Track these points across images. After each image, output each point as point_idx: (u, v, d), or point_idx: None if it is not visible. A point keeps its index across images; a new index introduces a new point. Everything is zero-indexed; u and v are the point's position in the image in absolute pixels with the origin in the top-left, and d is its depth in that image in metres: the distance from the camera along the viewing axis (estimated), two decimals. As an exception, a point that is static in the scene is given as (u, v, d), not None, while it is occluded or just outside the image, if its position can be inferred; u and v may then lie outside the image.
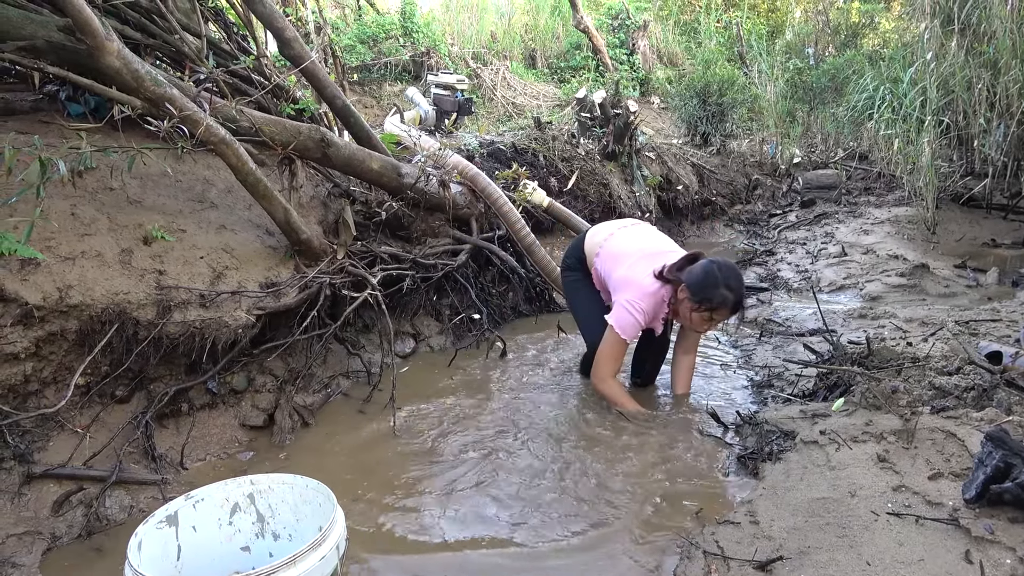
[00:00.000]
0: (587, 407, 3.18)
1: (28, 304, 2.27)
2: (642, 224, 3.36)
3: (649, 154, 7.20)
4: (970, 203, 6.34)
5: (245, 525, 1.94)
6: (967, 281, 4.71)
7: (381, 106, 8.87)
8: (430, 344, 3.98)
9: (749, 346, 3.94)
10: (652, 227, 3.36)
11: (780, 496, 2.21)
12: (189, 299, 2.69)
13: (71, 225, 2.58)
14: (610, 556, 2.14)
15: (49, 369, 2.40)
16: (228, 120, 2.91)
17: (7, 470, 2.25)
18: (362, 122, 3.87)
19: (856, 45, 10.36)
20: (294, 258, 3.23)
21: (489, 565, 2.11)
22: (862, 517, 2.00)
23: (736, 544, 2.02)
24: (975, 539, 1.81)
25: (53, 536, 2.22)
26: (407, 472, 2.64)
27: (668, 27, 12.79)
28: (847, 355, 3.10)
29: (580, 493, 2.47)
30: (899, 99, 6.12)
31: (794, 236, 6.68)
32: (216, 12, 3.84)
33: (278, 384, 3.10)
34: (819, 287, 4.92)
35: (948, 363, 2.77)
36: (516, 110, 9.46)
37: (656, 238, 3.21)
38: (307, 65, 3.56)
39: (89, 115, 3.22)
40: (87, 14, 2.34)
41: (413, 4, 9.84)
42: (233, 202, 3.34)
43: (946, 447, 2.23)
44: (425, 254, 3.95)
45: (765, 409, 2.96)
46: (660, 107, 10.96)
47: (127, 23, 3.29)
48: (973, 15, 5.51)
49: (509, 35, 11.30)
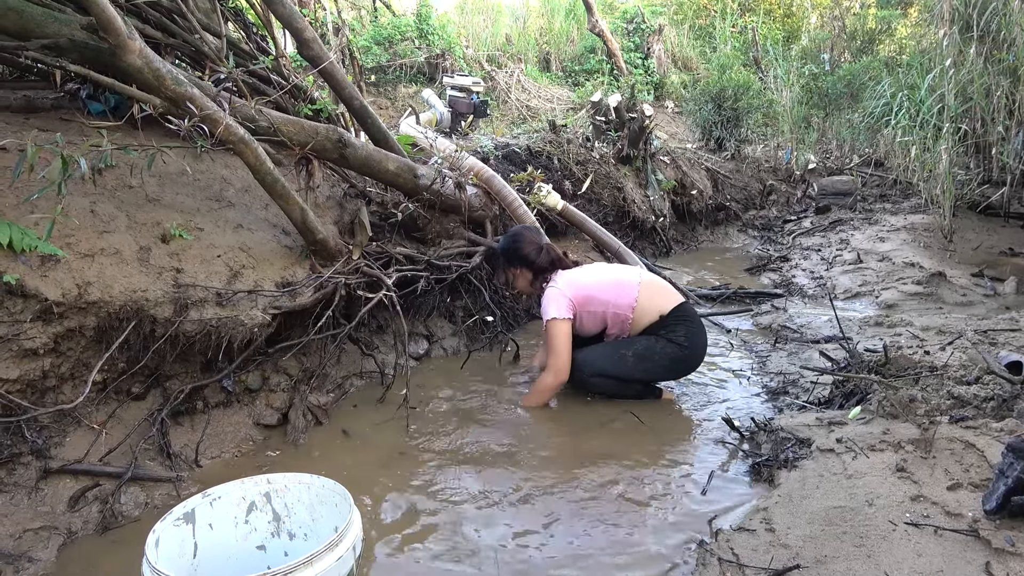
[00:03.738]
0: (601, 408, 3.18)
1: (48, 300, 2.28)
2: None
3: (664, 158, 7.18)
4: (987, 211, 6.29)
5: (261, 524, 1.95)
6: (984, 290, 4.67)
7: (396, 107, 8.89)
8: (443, 346, 3.98)
9: (764, 352, 3.92)
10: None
11: (796, 504, 2.20)
12: (206, 297, 2.70)
13: (91, 222, 2.60)
14: (623, 562, 2.13)
15: (67, 365, 2.42)
16: (247, 120, 2.92)
17: (25, 465, 2.27)
18: (379, 123, 3.88)
19: (872, 51, 10.29)
20: (310, 258, 3.24)
21: (503, 563, 2.11)
22: (880, 527, 1.98)
23: (752, 552, 2.00)
24: (995, 551, 1.80)
25: (69, 531, 2.23)
26: (421, 473, 2.64)
27: (683, 31, 12.77)
28: (864, 363, 3.09)
29: (592, 496, 2.46)
30: (916, 106, 6.08)
31: (809, 242, 6.65)
32: (236, 12, 3.87)
33: (292, 383, 3.11)
34: (834, 294, 4.90)
35: (967, 372, 2.75)
36: (530, 113, 9.45)
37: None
38: (325, 66, 3.57)
39: (109, 113, 3.25)
40: (110, 13, 2.36)
41: (429, 6, 9.86)
42: (250, 201, 3.36)
43: (965, 457, 2.21)
44: (440, 255, 3.96)
45: (780, 416, 2.94)
46: (674, 111, 10.94)
47: (148, 22, 3.31)
48: (992, 22, 5.47)
49: (524, 38, 11.31)
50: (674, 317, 3.28)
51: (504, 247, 3.49)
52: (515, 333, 4.19)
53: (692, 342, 3.27)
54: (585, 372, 3.25)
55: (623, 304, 3.27)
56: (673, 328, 3.26)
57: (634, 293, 3.27)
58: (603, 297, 3.29)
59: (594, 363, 3.26)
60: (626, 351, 3.25)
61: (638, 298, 3.27)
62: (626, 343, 3.30)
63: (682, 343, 3.25)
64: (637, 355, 3.24)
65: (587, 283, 3.32)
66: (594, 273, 3.45)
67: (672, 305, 3.30)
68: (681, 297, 3.38)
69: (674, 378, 3.43)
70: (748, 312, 4.79)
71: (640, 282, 3.32)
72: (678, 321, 3.28)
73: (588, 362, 3.25)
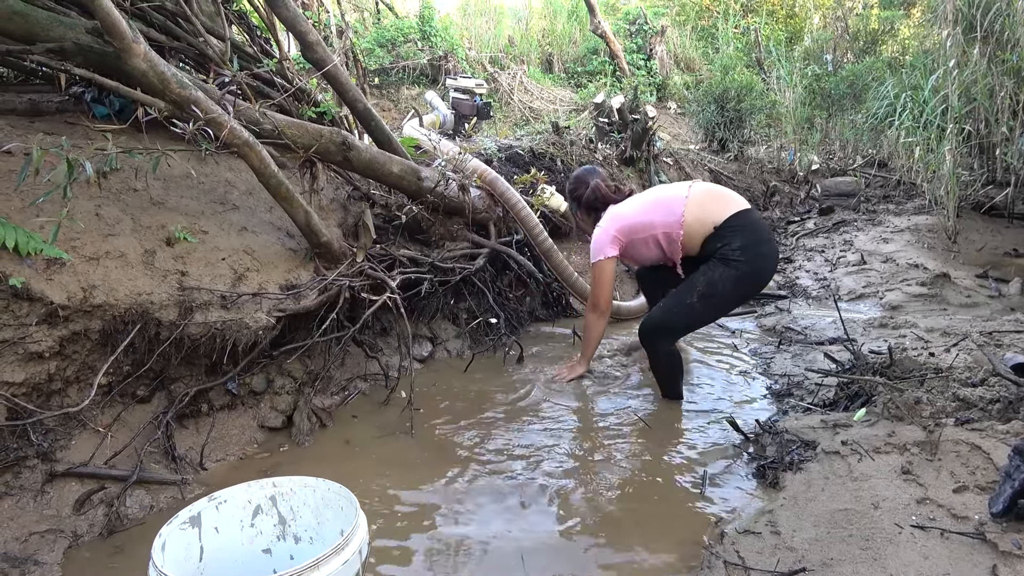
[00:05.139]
0: (604, 410, 3.18)
1: (53, 303, 2.29)
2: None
3: (667, 159, 7.18)
4: (991, 212, 6.28)
5: (267, 527, 1.95)
6: (989, 291, 4.65)
7: (399, 109, 8.88)
8: (447, 348, 3.98)
9: (768, 354, 3.91)
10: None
11: (801, 507, 2.19)
12: (211, 300, 2.71)
13: (96, 226, 2.60)
14: (627, 564, 2.12)
15: (72, 368, 2.42)
16: (251, 123, 2.93)
17: (30, 468, 2.28)
18: (383, 126, 3.88)
19: (875, 52, 10.27)
20: (314, 260, 3.24)
21: (507, 566, 2.11)
22: (886, 529, 1.98)
23: (757, 555, 2.00)
24: (1002, 554, 1.79)
25: (75, 534, 2.24)
26: (426, 475, 2.64)
27: (686, 32, 12.74)
28: (868, 365, 3.08)
29: (596, 498, 2.46)
30: (920, 107, 6.07)
31: (812, 243, 6.63)
32: (240, 15, 3.87)
33: (297, 386, 3.11)
34: (838, 295, 4.88)
35: (972, 374, 2.74)
36: (533, 114, 9.43)
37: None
38: (329, 68, 3.57)
39: (114, 117, 3.25)
40: (115, 17, 2.36)
41: (431, 8, 9.86)
42: (254, 204, 3.36)
43: (971, 460, 2.20)
44: (443, 258, 3.96)
45: (785, 418, 2.94)
46: (677, 112, 10.92)
47: (152, 26, 3.32)
48: (996, 22, 5.46)
49: (526, 39, 11.30)
50: (728, 229, 2.99)
51: (567, 191, 3.63)
52: (518, 335, 4.18)
53: (749, 254, 2.96)
54: (655, 333, 3.12)
55: (671, 223, 3.07)
56: (729, 242, 2.98)
57: (679, 209, 3.06)
58: (646, 220, 3.12)
59: (664, 325, 3.11)
60: (689, 298, 3.02)
61: (685, 213, 3.05)
62: (685, 290, 3.06)
63: (738, 259, 2.95)
64: (702, 296, 2.99)
65: (628, 212, 3.19)
66: (637, 199, 3.27)
67: (727, 214, 3.01)
68: (740, 205, 3.07)
69: (749, 300, 3.23)
70: (752, 313, 4.78)
71: (688, 196, 3.09)
72: (733, 233, 2.98)
73: (659, 322, 3.12)
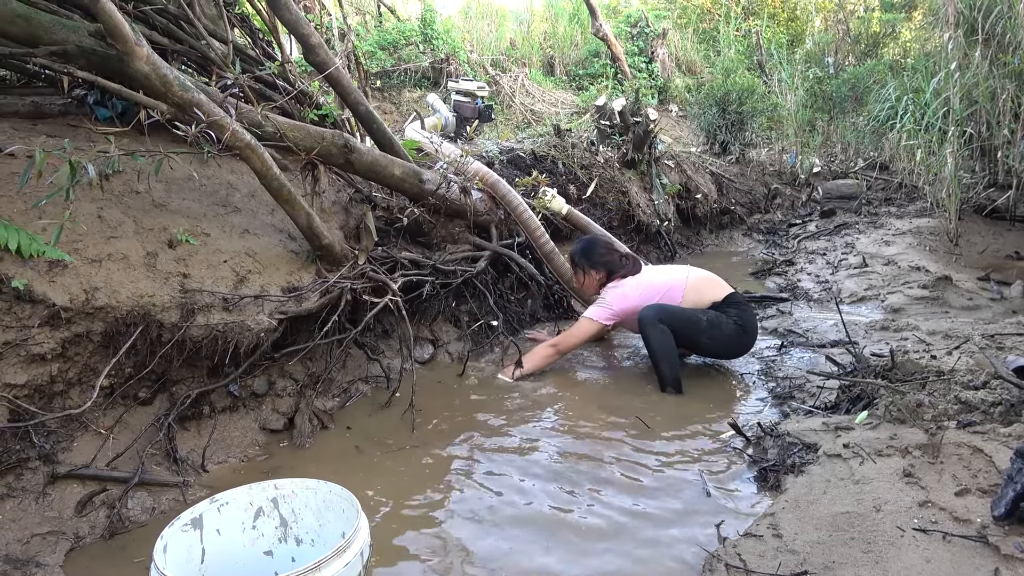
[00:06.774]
0: (605, 411, 3.18)
1: (55, 305, 2.29)
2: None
3: (668, 162, 7.17)
4: (993, 215, 6.27)
5: (268, 529, 1.95)
6: (991, 294, 4.65)
7: (400, 112, 8.89)
8: (448, 350, 3.98)
9: (770, 357, 3.91)
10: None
11: (803, 509, 2.19)
12: (212, 302, 2.71)
13: (98, 228, 2.61)
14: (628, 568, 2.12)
15: (74, 370, 2.43)
16: (253, 125, 2.93)
17: (32, 470, 2.28)
18: (384, 128, 3.88)
19: (877, 55, 10.28)
20: (316, 263, 3.24)
21: (505, 567, 2.11)
22: (888, 532, 1.98)
23: (759, 558, 2.00)
24: (1004, 557, 1.79)
25: (76, 536, 2.24)
26: (427, 477, 2.64)
27: (687, 35, 12.75)
28: (870, 367, 3.08)
29: (598, 503, 2.46)
30: (922, 109, 6.06)
31: (814, 246, 6.64)
32: (242, 18, 3.87)
33: (298, 388, 3.11)
34: (840, 298, 4.88)
35: (974, 377, 2.74)
36: (535, 117, 9.44)
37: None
38: (331, 71, 3.58)
39: (116, 119, 3.25)
40: (118, 19, 2.37)
41: (433, 11, 9.87)
42: (256, 206, 3.37)
43: (973, 463, 2.20)
44: (445, 260, 3.96)
45: (787, 421, 2.94)
46: (679, 115, 10.92)
47: (155, 28, 3.32)
48: (998, 25, 5.47)
49: (528, 42, 11.31)
50: (725, 304, 3.65)
51: (581, 254, 3.98)
52: (519, 337, 4.18)
53: (746, 324, 3.61)
54: (659, 317, 3.48)
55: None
56: (727, 311, 3.61)
57: (678, 295, 3.64)
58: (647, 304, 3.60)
59: (671, 312, 3.53)
60: (701, 315, 3.56)
61: (683, 300, 3.63)
62: (701, 311, 3.60)
63: (738, 322, 3.58)
64: (710, 321, 3.55)
65: (633, 296, 3.67)
66: (641, 284, 3.74)
67: (723, 294, 3.69)
68: (730, 288, 3.76)
69: (731, 355, 3.75)
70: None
71: (687, 281, 3.68)
72: (729, 307, 3.63)
73: (665, 310, 3.53)
